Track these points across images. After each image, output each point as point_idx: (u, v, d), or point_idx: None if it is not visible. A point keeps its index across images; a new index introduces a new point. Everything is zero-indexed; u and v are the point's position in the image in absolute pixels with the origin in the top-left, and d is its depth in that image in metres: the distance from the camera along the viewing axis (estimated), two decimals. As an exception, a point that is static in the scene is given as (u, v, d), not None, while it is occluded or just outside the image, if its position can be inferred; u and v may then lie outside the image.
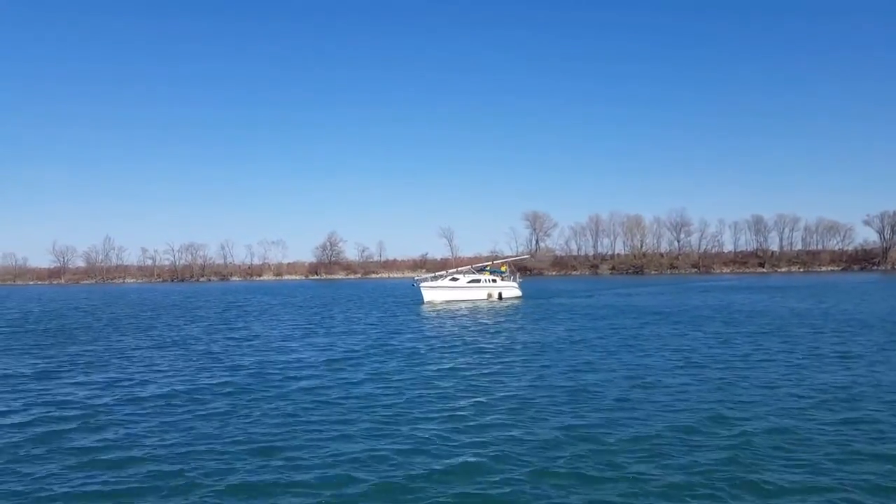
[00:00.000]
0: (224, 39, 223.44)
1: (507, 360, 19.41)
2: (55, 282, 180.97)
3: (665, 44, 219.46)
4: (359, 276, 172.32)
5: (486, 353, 21.12)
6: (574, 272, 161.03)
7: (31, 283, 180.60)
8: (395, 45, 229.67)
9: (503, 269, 55.85)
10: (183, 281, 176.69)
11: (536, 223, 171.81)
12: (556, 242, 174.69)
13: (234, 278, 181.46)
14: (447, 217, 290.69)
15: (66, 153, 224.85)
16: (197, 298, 66.74)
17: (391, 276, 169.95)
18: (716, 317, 32.69)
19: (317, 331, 29.28)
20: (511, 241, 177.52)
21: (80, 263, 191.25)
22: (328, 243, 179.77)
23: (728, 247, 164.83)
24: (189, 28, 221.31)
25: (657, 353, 19.87)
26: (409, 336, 26.43)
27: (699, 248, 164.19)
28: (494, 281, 51.46)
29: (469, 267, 58.45)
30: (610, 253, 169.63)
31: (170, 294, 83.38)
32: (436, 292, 49.74)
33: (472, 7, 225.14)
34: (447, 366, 18.33)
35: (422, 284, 50.66)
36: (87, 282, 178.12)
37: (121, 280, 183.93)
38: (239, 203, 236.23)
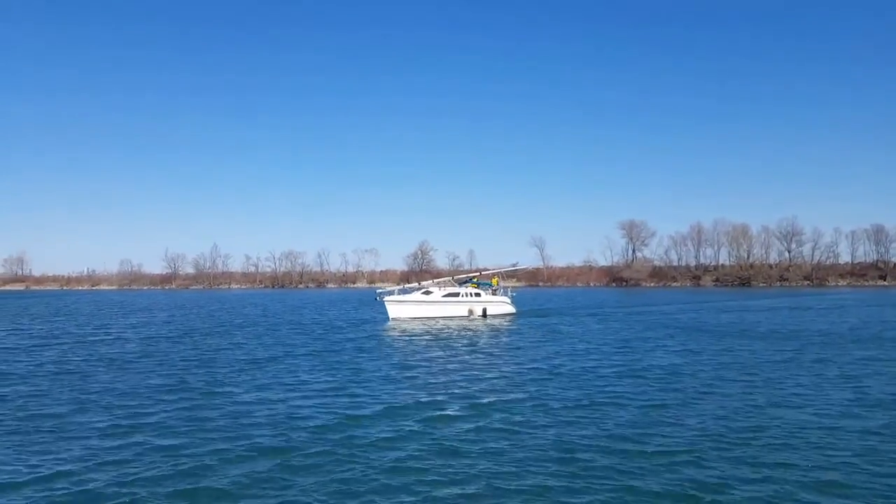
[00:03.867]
0: (326, 48, 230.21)
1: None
2: (167, 287, 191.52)
3: (777, 38, 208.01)
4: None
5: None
6: (674, 283, 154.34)
7: (145, 287, 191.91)
8: (494, 54, 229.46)
9: (494, 282, 48.11)
10: (283, 287, 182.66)
11: (633, 232, 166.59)
12: (655, 252, 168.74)
13: (330, 285, 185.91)
14: (539, 225, 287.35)
15: (177, 167, 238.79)
16: (346, 304, 67.75)
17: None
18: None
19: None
20: (606, 251, 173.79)
21: (190, 270, 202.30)
22: (419, 252, 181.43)
23: (844, 258, 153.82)
24: (287, 37, 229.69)
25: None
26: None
27: (812, 259, 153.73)
28: (478, 295, 44.03)
29: (448, 279, 50.50)
30: (713, 264, 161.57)
31: (317, 300, 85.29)
32: (403, 308, 42.45)
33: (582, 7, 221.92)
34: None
35: (386, 299, 42.98)
36: (195, 287, 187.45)
37: (226, 286, 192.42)
38: (335, 212, 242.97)
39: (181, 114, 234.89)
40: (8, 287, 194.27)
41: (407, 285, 49.24)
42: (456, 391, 16.41)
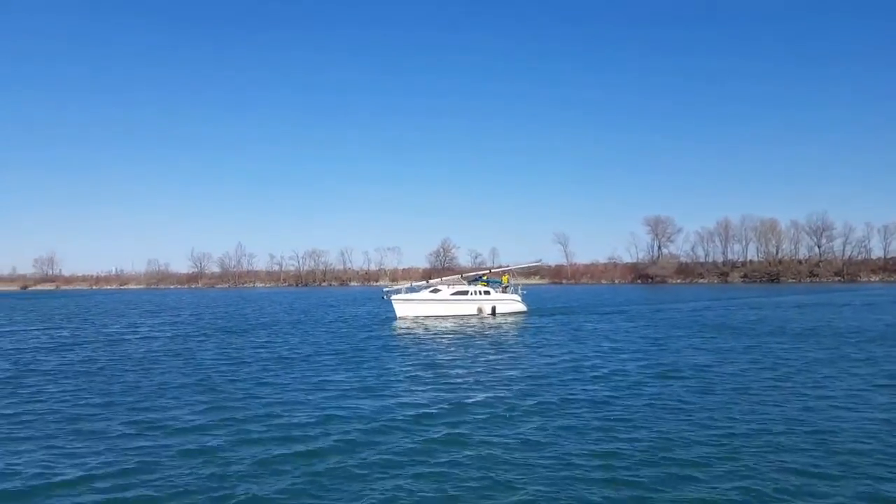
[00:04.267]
0: (337, 47, 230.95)
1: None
2: (193, 286, 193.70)
3: (805, 32, 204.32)
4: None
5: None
6: (701, 280, 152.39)
7: (172, 286, 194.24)
8: (517, 49, 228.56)
9: (504, 279, 47.30)
10: (307, 286, 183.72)
11: (658, 228, 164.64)
12: (681, 248, 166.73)
13: (353, 283, 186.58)
14: (562, 222, 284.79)
15: (202, 167, 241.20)
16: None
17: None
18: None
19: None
20: (631, 247, 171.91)
21: (215, 269, 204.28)
22: (441, 249, 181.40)
23: (877, 253, 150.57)
24: (310, 37, 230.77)
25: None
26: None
27: (843, 255, 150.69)
28: (488, 293, 43.44)
29: (457, 277, 49.49)
30: (741, 260, 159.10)
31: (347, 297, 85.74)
32: (410, 306, 41.94)
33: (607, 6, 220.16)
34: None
35: (393, 297, 42.44)
36: (221, 286, 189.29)
37: (251, 284, 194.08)
38: (358, 209, 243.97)
39: (207, 113, 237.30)
40: (38, 287, 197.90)
41: (415, 283, 48.52)
42: (485, 392, 16.11)
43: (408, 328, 35.26)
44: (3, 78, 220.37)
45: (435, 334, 31.47)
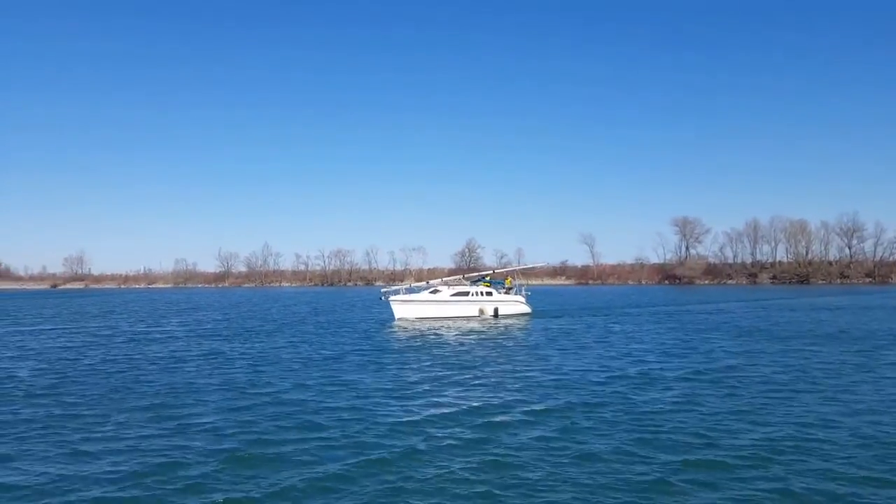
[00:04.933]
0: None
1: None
2: (220, 285, 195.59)
3: (841, 30, 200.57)
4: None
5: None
6: (729, 281, 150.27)
7: (199, 286, 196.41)
8: (543, 51, 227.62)
9: (507, 281, 46.37)
10: (332, 285, 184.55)
11: (686, 228, 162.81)
12: (709, 249, 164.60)
13: (379, 283, 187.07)
14: (588, 222, 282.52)
15: (229, 167, 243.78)
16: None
17: (529, 282, 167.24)
18: None
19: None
20: (658, 248, 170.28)
21: (242, 268, 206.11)
22: (466, 249, 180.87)
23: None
24: (335, 35, 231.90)
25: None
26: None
27: (874, 256, 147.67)
28: (490, 294, 42.26)
29: (459, 277, 48.61)
30: (770, 261, 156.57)
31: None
32: (409, 308, 40.94)
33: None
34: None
35: (392, 298, 41.44)
36: (247, 285, 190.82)
37: (277, 284, 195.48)
38: (385, 207, 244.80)
39: (235, 114, 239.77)
40: (68, 286, 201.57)
41: (414, 284, 47.60)
42: (508, 397, 15.91)
43: (405, 329, 34.35)
44: (35, 80, 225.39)
45: (433, 336, 30.68)
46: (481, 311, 41.20)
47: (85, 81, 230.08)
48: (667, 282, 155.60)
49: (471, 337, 30.26)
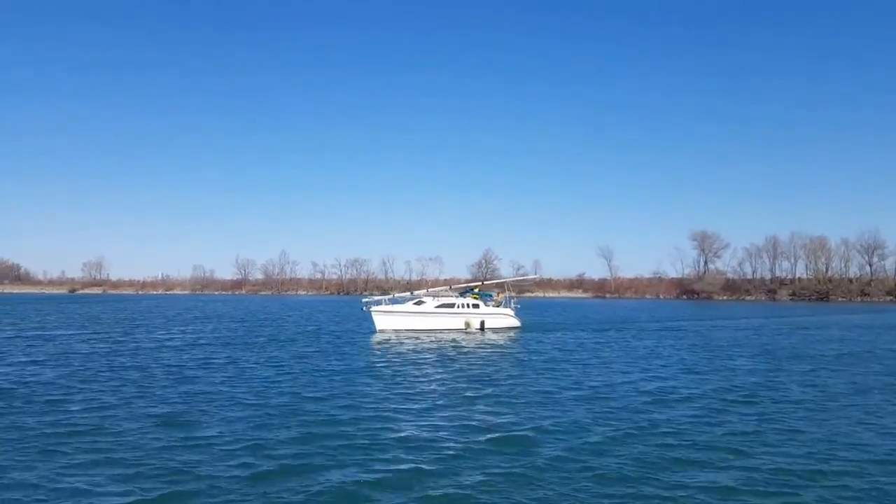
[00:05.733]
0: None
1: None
2: (237, 292, 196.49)
3: (866, 40, 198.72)
4: (512, 294, 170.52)
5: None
6: (748, 297, 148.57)
7: (217, 292, 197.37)
8: (562, 60, 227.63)
9: (498, 296, 44.18)
10: (348, 294, 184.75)
11: (705, 243, 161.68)
12: (728, 265, 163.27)
13: (394, 293, 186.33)
14: (606, 235, 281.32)
15: (247, 175, 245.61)
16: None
17: (546, 295, 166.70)
18: None
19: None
20: (676, 262, 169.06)
21: (259, 276, 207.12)
22: (483, 260, 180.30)
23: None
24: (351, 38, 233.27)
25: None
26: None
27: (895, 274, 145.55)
28: (477, 307, 40.52)
29: (445, 288, 45.84)
30: (790, 277, 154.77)
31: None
32: (391, 319, 39.27)
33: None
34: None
35: (373, 309, 39.77)
36: (264, 293, 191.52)
37: (294, 292, 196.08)
38: (402, 215, 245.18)
39: (252, 122, 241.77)
40: (86, 291, 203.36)
41: (398, 294, 46.18)
42: (523, 413, 15.56)
43: (379, 344, 32.14)
44: (52, 86, 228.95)
45: (412, 350, 29.06)
46: (467, 324, 39.50)
47: (107, 87, 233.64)
48: (685, 297, 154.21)
49: (448, 351, 28.52)
